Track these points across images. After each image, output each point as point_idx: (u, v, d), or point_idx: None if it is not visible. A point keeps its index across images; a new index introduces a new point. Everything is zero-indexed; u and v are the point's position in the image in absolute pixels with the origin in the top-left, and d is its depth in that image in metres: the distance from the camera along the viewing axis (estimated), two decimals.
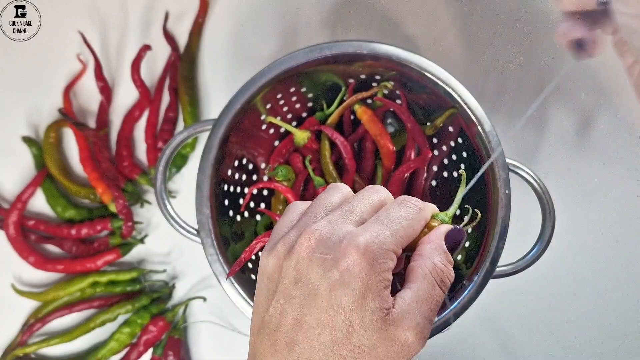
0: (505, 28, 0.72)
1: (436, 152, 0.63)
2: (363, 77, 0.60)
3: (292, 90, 0.60)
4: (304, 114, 0.65)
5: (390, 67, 0.56)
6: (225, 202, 0.60)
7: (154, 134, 0.72)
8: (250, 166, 0.64)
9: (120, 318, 0.70)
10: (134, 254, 0.72)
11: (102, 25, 0.74)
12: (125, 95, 0.73)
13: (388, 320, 0.33)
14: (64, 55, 0.73)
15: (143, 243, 0.71)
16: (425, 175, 0.64)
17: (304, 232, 0.35)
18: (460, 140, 0.59)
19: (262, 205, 0.65)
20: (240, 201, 0.63)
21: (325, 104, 0.64)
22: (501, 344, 0.72)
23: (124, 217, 0.68)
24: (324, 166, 0.63)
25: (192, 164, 0.72)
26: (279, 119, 0.61)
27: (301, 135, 0.62)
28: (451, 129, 0.59)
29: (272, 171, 0.62)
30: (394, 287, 0.35)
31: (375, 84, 0.61)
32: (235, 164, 0.61)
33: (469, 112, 0.55)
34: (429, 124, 0.60)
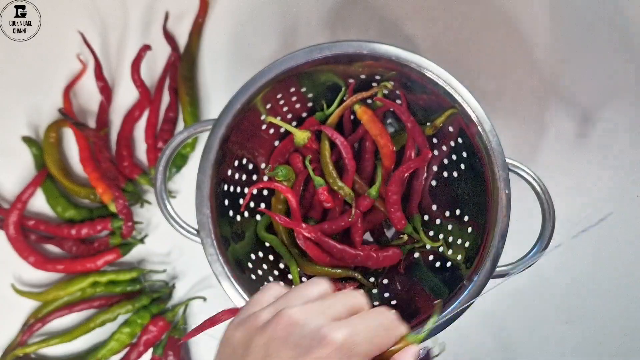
0: (505, 28, 0.72)
1: (436, 152, 0.63)
2: (363, 77, 0.60)
3: (292, 90, 0.60)
4: (304, 114, 0.65)
5: (390, 67, 0.56)
6: (226, 202, 0.60)
7: (154, 134, 0.72)
8: (251, 166, 0.64)
9: (120, 318, 0.70)
10: (134, 254, 0.72)
11: (102, 26, 0.74)
12: (126, 95, 0.73)
13: None
14: (64, 55, 0.73)
15: (143, 243, 0.71)
16: (425, 175, 0.64)
17: (281, 313, 0.34)
18: (460, 140, 0.59)
19: (262, 205, 0.65)
20: (240, 201, 0.63)
21: (325, 104, 0.64)
22: (501, 343, 0.72)
23: (124, 217, 0.68)
24: (324, 166, 0.63)
25: (192, 164, 0.72)
26: (279, 119, 0.61)
27: (301, 135, 0.62)
28: (451, 129, 0.59)
29: (272, 171, 0.62)
30: None
31: (375, 84, 0.61)
32: (236, 164, 0.61)
33: (469, 112, 0.55)
34: (428, 124, 0.60)
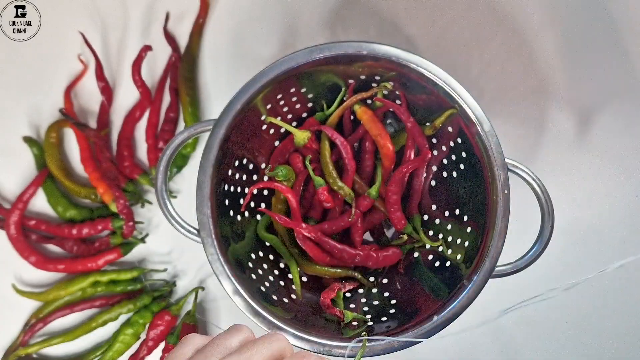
0: (505, 29, 0.72)
1: (435, 152, 0.63)
2: (363, 77, 0.60)
3: (293, 90, 0.60)
4: (304, 114, 0.65)
5: (389, 67, 0.56)
6: (226, 202, 0.60)
7: (154, 134, 0.72)
8: (251, 166, 0.64)
9: (122, 317, 0.70)
10: (135, 254, 0.72)
11: (103, 26, 0.74)
12: (126, 96, 0.73)
13: None
14: (64, 56, 0.74)
15: (144, 242, 0.72)
16: (425, 175, 0.64)
17: None
18: (459, 141, 0.59)
19: (263, 205, 0.65)
20: (240, 201, 0.63)
21: (325, 105, 0.65)
22: (500, 342, 0.72)
23: (124, 217, 0.68)
24: (324, 166, 0.63)
25: (193, 164, 0.73)
26: (279, 119, 0.61)
27: (301, 136, 0.62)
28: (450, 129, 0.59)
29: (272, 171, 0.62)
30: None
31: (375, 85, 0.61)
32: (236, 164, 0.61)
33: (468, 112, 0.55)
34: (428, 124, 0.60)
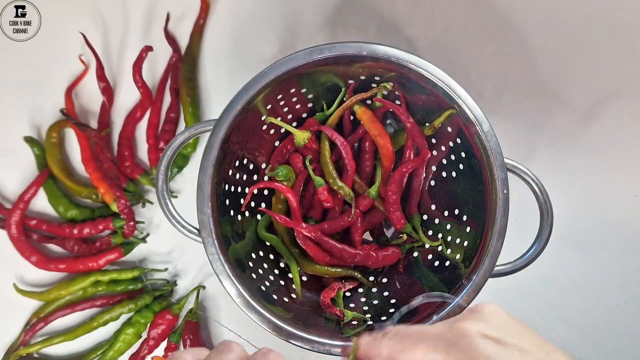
0: (504, 29, 0.73)
1: (435, 152, 0.64)
2: (363, 78, 0.60)
3: (293, 91, 0.60)
4: (304, 115, 0.66)
5: (389, 68, 0.56)
6: (226, 201, 0.60)
7: (155, 135, 0.72)
8: (251, 166, 0.65)
9: (123, 316, 0.70)
10: (136, 253, 0.72)
11: (103, 26, 0.74)
12: (127, 96, 0.74)
13: None
14: (64, 56, 0.74)
15: (145, 242, 0.72)
16: (424, 175, 0.65)
17: None
18: (458, 141, 0.59)
19: (263, 205, 0.66)
20: (241, 201, 0.63)
21: (325, 105, 0.65)
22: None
23: (125, 216, 0.68)
24: (324, 166, 0.63)
25: (194, 164, 0.73)
26: (279, 120, 0.61)
27: (301, 136, 0.62)
28: (450, 129, 0.59)
29: (272, 171, 0.63)
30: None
31: (374, 85, 0.61)
32: (236, 164, 0.62)
33: (467, 112, 0.55)
34: (427, 124, 0.61)
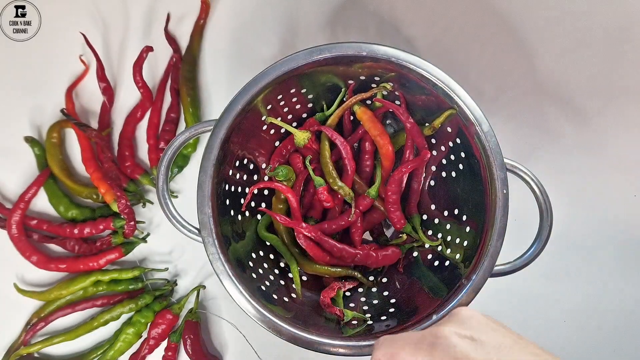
0: (503, 30, 0.73)
1: (435, 153, 0.64)
2: (363, 78, 0.60)
3: (293, 91, 0.60)
4: (304, 115, 0.66)
5: (389, 68, 0.56)
6: (227, 201, 0.60)
7: (155, 135, 0.72)
8: (251, 166, 0.65)
9: (123, 316, 0.70)
10: (136, 253, 0.72)
11: (104, 26, 0.74)
12: (127, 96, 0.74)
13: None
14: (65, 56, 0.74)
15: (145, 242, 0.72)
16: (424, 175, 0.65)
17: None
18: (458, 141, 0.59)
19: (263, 205, 0.66)
20: (241, 201, 0.63)
21: (325, 105, 0.65)
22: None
23: (126, 216, 0.68)
24: (324, 166, 0.63)
25: (194, 164, 0.73)
26: (279, 120, 0.62)
27: (301, 136, 0.62)
28: (450, 129, 0.60)
29: (272, 171, 0.63)
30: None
31: (374, 85, 0.61)
32: (237, 164, 0.62)
33: (467, 112, 0.55)
34: (427, 124, 0.61)
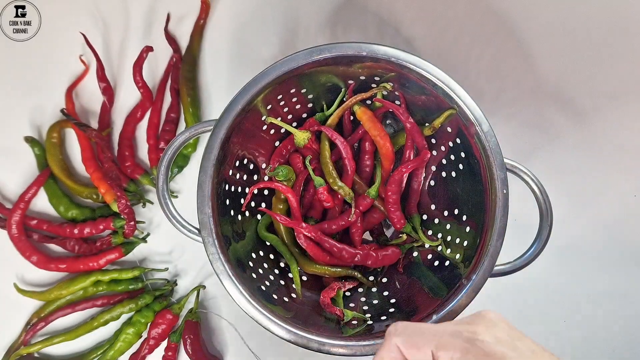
0: (503, 30, 0.73)
1: (435, 153, 0.64)
2: (363, 78, 0.60)
3: (293, 91, 0.60)
4: (304, 115, 0.66)
5: (389, 68, 0.56)
6: (227, 201, 0.60)
7: (155, 135, 0.72)
8: (251, 166, 0.65)
9: (123, 316, 0.70)
10: (136, 253, 0.72)
11: (104, 26, 0.74)
12: (127, 96, 0.74)
13: None
14: (65, 56, 0.74)
15: (145, 242, 0.72)
16: (424, 175, 0.65)
17: None
18: (458, 141, 0.59)
19: (263, 205, 0.66)
20: (241, 201, 0.63)
21: (325, 105, 0.65)
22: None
23: (126, 216, 0.68)
24: (324, 166, 0.63)
25: (194, 164, 0.73)
26: (279, 120, 0.62)
27: (301, 136, 0.62)
28: (449, 129, 0.60)
29: (272, 171, 0.63)
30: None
31: (374, 85, 0.61)
32: (237, 164, 0.62)
33: (467, 112, 0.55)
34: (427, 124, 0.61)
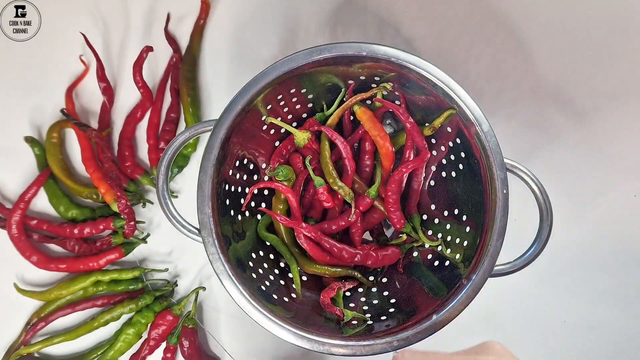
0: (504, 30, 0.73)
1: (435, 153, 0.64)
2: (363, 78, 0.60)
3: (293, 91, 0.60)
4: (304, 115, 0.66)
5: (389, 68, 0.56)
6: (227, 201, 0.60)
7: (156, 135, 0.72)
8: (251, 166, 0.65)
9: (124, 316, 0.70)
10: (136, 253, 0.72)
11: (104, 26, 0.74)
12: (127, 96, 0.74)
13: None
14: (64, 56, 0.74)
15: (145, 242, 0.72)
16: (424, 175, 0.65)
17: None
18: (458, 141, 0.59)
19: (263, 205, 0.66)
20: (241, 201, 0.63)
21: (325, 105, 0.65)
22: (499, 341, 0.72)
23: (126, 216, 0.68)
24: (324, 166, 0.63)
25: (194, 164, 0.73)
26: (279, 120, 0.62)
27: (301, 136, 0.62)
28: (449, 129, 0.60)
29: (272, 171, 0.63)
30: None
31: (374, 85, 0.61)
32: (237, 164, 0.62)
33: (467, 112, 0.55)
34: (427, 124, 0.61)
